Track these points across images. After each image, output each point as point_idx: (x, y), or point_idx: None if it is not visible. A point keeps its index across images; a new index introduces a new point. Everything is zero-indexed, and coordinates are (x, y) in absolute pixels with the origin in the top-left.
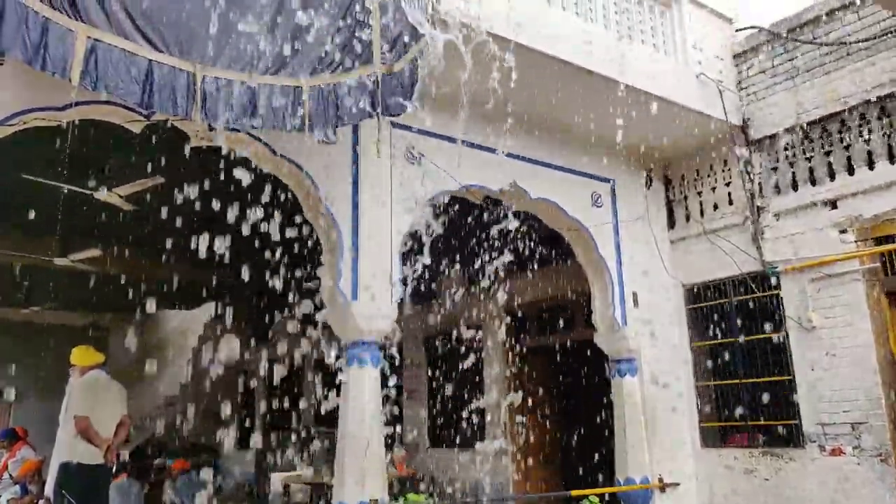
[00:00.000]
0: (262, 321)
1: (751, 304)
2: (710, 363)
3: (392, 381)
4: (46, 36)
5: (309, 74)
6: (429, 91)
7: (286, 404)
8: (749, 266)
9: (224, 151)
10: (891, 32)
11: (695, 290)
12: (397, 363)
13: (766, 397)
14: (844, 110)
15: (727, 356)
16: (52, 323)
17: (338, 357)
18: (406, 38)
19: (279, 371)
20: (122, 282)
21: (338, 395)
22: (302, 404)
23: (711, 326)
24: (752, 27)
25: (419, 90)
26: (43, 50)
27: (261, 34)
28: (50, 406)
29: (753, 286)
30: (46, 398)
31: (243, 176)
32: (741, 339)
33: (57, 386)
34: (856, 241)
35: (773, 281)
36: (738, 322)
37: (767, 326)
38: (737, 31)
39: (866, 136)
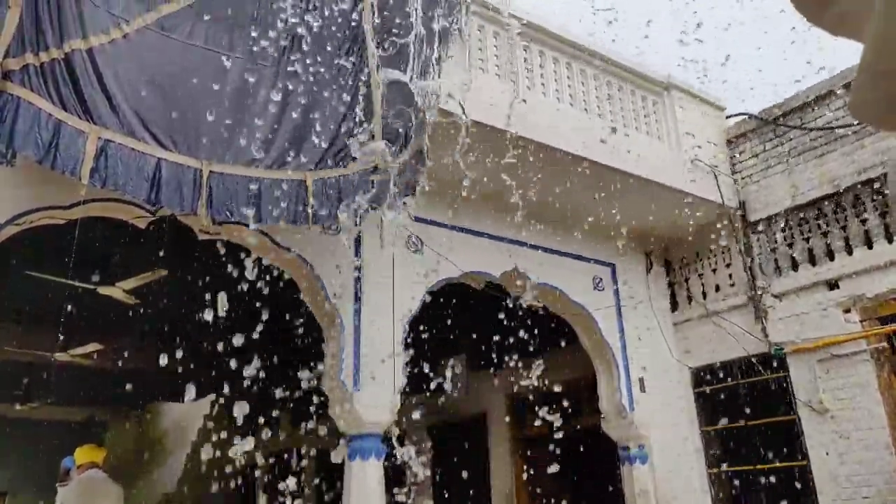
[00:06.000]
0: (262, 413)
1: (759, 387)
2: (721, 448)
3: (395, 473)
4: (58, 136)
5: (312, 168)
6: (430, 181)
7: (288, 499)
8: (755, 347)
9: (227, 244)
10: None
11: (701, 373)
12: (400, 454)
13: (781, 484)
14: (839, 191)
15: (739, 441)
16: (49, 419)
17: (340, 450)
18: (407, 133)
19: (281, 464)
20: (122, 376)
21: (341, 488)
22: (305, 498)
23: (721, 410)
24: (742, 114)
25: (420, 182)
26: (54, 150)
27: (265, 130)
28: None
29: (760, 368)
30: (42, 496)
31: (246, 268)
32: (751, 423)
33: (53, 483)
34: (861, 321)
35: (781, 362)
36: (748, 405)
37: (778, 409)
38: (727, 117)
39: (862, 217)
